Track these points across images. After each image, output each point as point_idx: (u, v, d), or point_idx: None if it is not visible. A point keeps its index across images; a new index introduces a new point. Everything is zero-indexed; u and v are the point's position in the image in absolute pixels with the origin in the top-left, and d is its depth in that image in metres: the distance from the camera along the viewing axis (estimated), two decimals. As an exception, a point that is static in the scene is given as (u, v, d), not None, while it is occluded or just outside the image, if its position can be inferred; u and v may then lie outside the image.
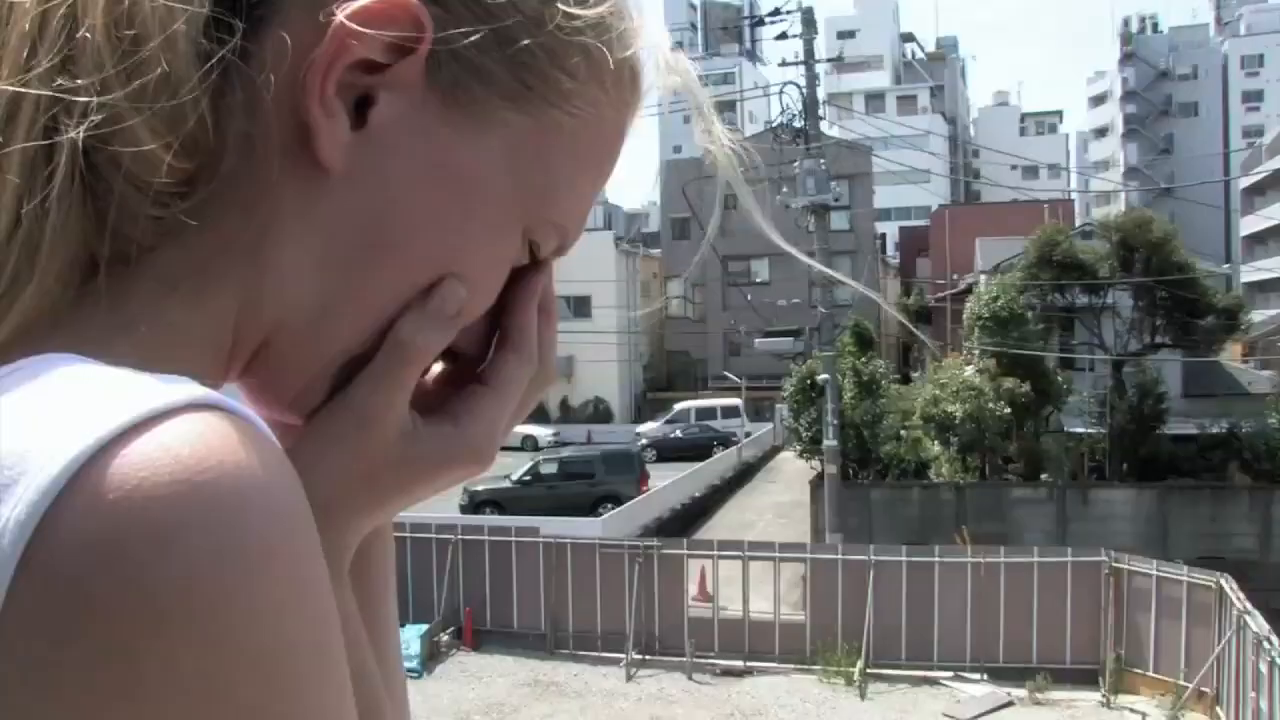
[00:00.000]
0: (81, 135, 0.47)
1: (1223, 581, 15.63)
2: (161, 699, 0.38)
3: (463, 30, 0.55)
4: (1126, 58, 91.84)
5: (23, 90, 0.47)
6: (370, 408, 0.58)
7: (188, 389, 0.43)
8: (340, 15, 0.52)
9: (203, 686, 0.39)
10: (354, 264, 0.56)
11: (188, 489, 0.39)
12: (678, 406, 46.42)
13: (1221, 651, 15.15)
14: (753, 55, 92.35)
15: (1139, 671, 17.02)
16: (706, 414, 44.42)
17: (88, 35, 0.47)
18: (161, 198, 0.50)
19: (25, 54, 0.47)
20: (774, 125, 26.41)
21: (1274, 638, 13.53)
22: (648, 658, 18.23)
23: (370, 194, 0.55)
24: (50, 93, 0.47)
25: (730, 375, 46.96)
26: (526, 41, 0.56)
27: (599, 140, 0.62)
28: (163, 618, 0.38)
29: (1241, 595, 14.99)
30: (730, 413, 43.60)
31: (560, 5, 0.57)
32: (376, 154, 0.55)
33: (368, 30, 0.52)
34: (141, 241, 0.51)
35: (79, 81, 0.47)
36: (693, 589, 18.85)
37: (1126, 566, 17.53)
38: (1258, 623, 14.00)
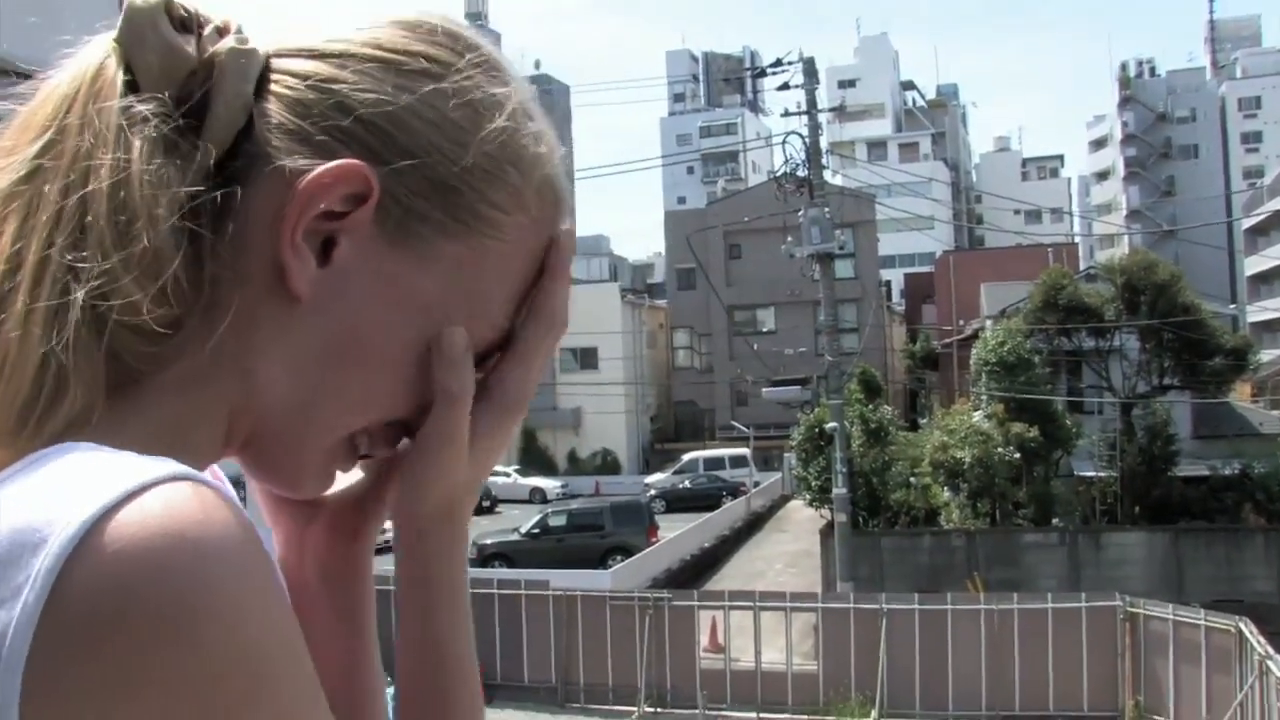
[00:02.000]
0: (84, 295, 0.61)
1: (1242, 625, 15.44)
2: (163, 695, 0.51)
3: (402, 182, 0.68)
4: (1125, 101, 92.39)
5: (47, 260, 0.61)
6: (449, 450, 0.74)
7: (168, 466, 0.56)
8: (305, 178, 0.66)
9: (196, 682, 0.52)
10: (320, 374, 0.69)
11: (166, 538, 0.52)
12: (686, 457, 46.32)
13: (1245, 697, 14.94)
14: (755, 106, 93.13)
15: (1159, 718, 16.81)
16: (715, 464, 44.30)
17: (93, 220, 0.62)
18: (152, 335, 0.63)
19: (48, 233, 0.62)
20: (777, 175, 26.57)
21: (1296, 682, 13.36)
22: (660, 710, 18.05)
23: (335, 317, 0.68)
24: (68, 263, 0.61)
25: (738, 425, 46.89)
26: (456, 185, 0.70)
27: (529, 253, 0.75)
28: (155, 632, 0.51)
29: (1262, 639, 14.81)
30: (738, 462, 43.50)
31: (481, 149, 0.70)
32: (339, 285, 0.68)
33: (326, 190, 0.66)
34: (145, 367, 0.64)
35: (85, 253, 0.61)
36: (704, 640, 18.71)
37: (1142, 611, 17.37)
38: None
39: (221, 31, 0.69)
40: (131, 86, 0.65)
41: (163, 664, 0.51)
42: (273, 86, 0.68)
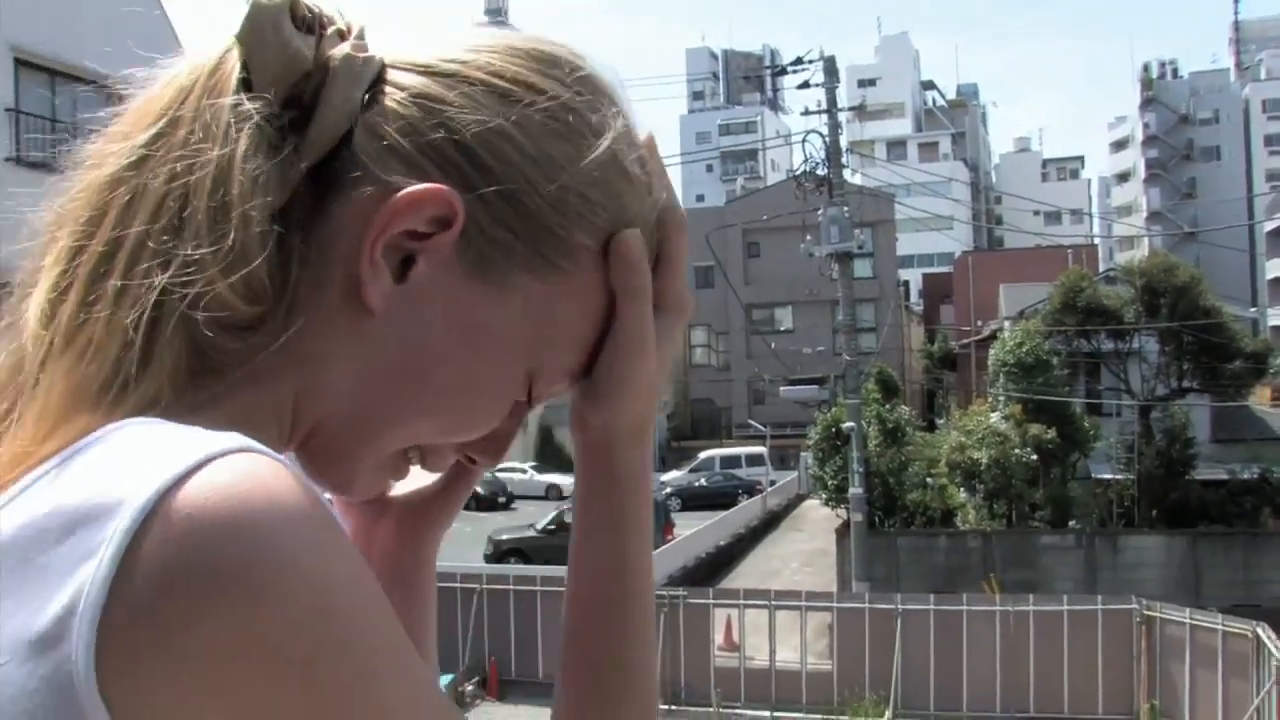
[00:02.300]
0: (174, 284, 0.62)
1: (1259, 630, 15.37)
2: (224, 657, 0.52)
3: (489, 214, 0.69)
4: (1147, 103, 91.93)
5: (143, 247, 0.63)
6: (646, 354, 0.76)
7: (236, 439, 0.57)
8: (395, 196, 0.67)
9: (265, 640, 0.53)
10: (381, 388, 0.70)
11: (236, 502, 0.54)
12: (702, 455, 46.30)
13: (1261, 703, 14.88)
14: (775, 104, 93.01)
15: (1173, 722, 16.75)
16: (731, 462, 44.27)
17: (191, 213, 0.64)
18: (233, 330, 0.65)
19: (147, 221, 0.64)
20: (797, 174, 26.54)
21: (1312, 687, 13.31)
22: (674, 708, 18.06)
23: (403, 336, 0.69)
24: (163, 251, 0.63)
25: (754, 423, 46.87)
26: (544, 222, 0.70)
27: (603, 289, 0.74)
28: (225, 588, 0.52)
29: None
30: (755, 461, 43.46)
31: (574, 189, 0.70)
32: (412, 305, 0.69)
33: (413, 210, 0.67)
34: (223, 360, 0.65)
35: (179, 244, 0.63)
36: (719, 638, 18.72)
37: (1159, 615, 17.31)
38: (1296, 672, 13.78)
39: (343, 35, 0.70)
40: (246, 84, 0.67)
41: (229, 624, 0.52)
42: (380, 97, 0.69)
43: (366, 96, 0.69)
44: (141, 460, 0.56)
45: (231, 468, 0.55)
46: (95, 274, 0.63)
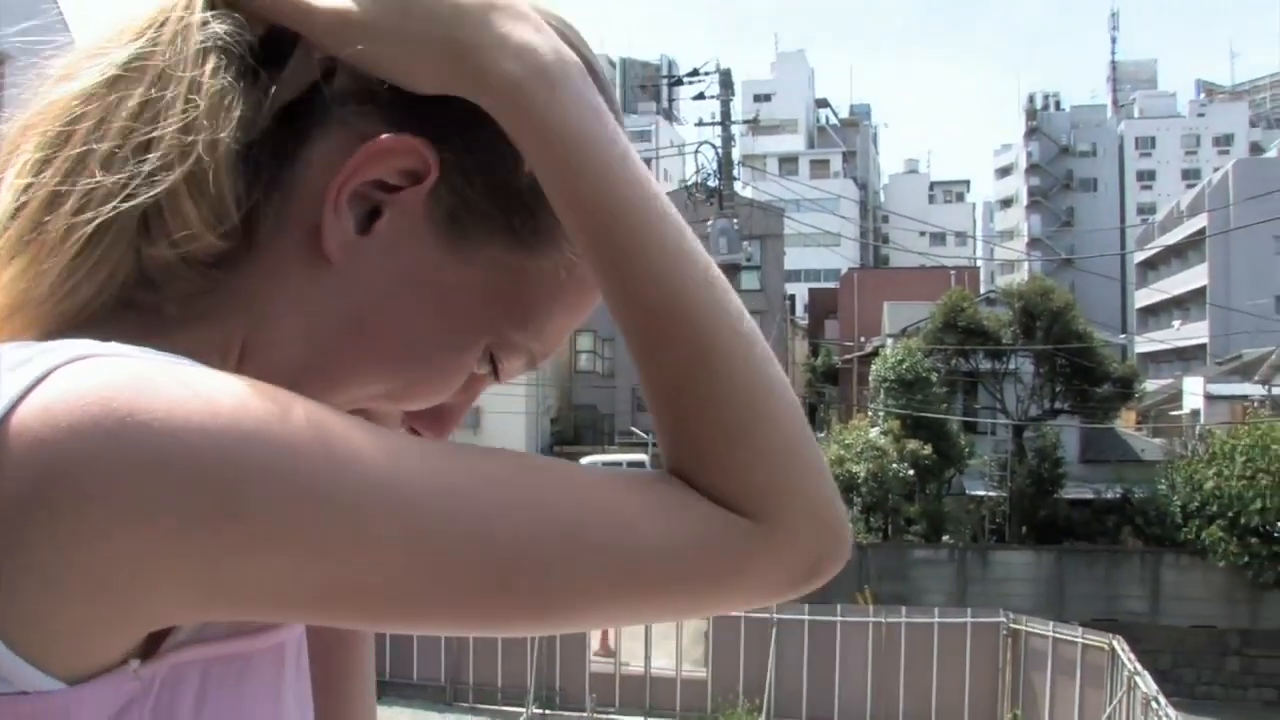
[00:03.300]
0: (135, 206, 0.60)
1: (1115, 643, 15.95)
2: (109, 515, 0.49)
3: (464, 173, 0.66)
4: (1031, 132, 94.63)
5: (109, 164, 0.61)
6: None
7: (109, 345, 0.55)
8: (366, 144, 0.63)
9: (169, 499, 0.50)
10: (331, 343, 0.66)
11: (100, 383, 0.51)
12: (584, 461, 46.20)
13: (1113, 711, 15.42)
14: (670, 114, 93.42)
15: (1034, 732, 17.23)
16: (613, 468, 44.30)
17: (160, 134, 0.61)
18: (199, 265, 0.63)
19: (116, 140, 0.61)
20: (689, 184, 26.69)
21: (1161, 698, 13.83)
22: (548, 712, 17.99)
23: (359, 290, 0.66)
24: (128, 169, 0.60)
25: (637, 430, 46.94)
26: (519, 187, 0.67)
27: (583, 284, 0.70)
28: (95, 451, 0.49)
29: (1132, 656, 15.31)
30: (636, 468, 43.53)
31: None
32: (373, 259, 0.65)
33: (383, 159, 0.64)
34: (183, 291, 0.63)
35: (145, 163, 0.60)
36: (595, 643, 18.69)
37: (1024, 628, 17.80)
38: (1147, 683, 14.31)
39: None
40: (231, 6, 0.65)
41: (118, 518, 0.49)
42: None
43: None
44: (18, 360, 0.53)
45: (108, 360, 0.53)
46: (58, 187, 0.61)
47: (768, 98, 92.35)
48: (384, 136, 0.64)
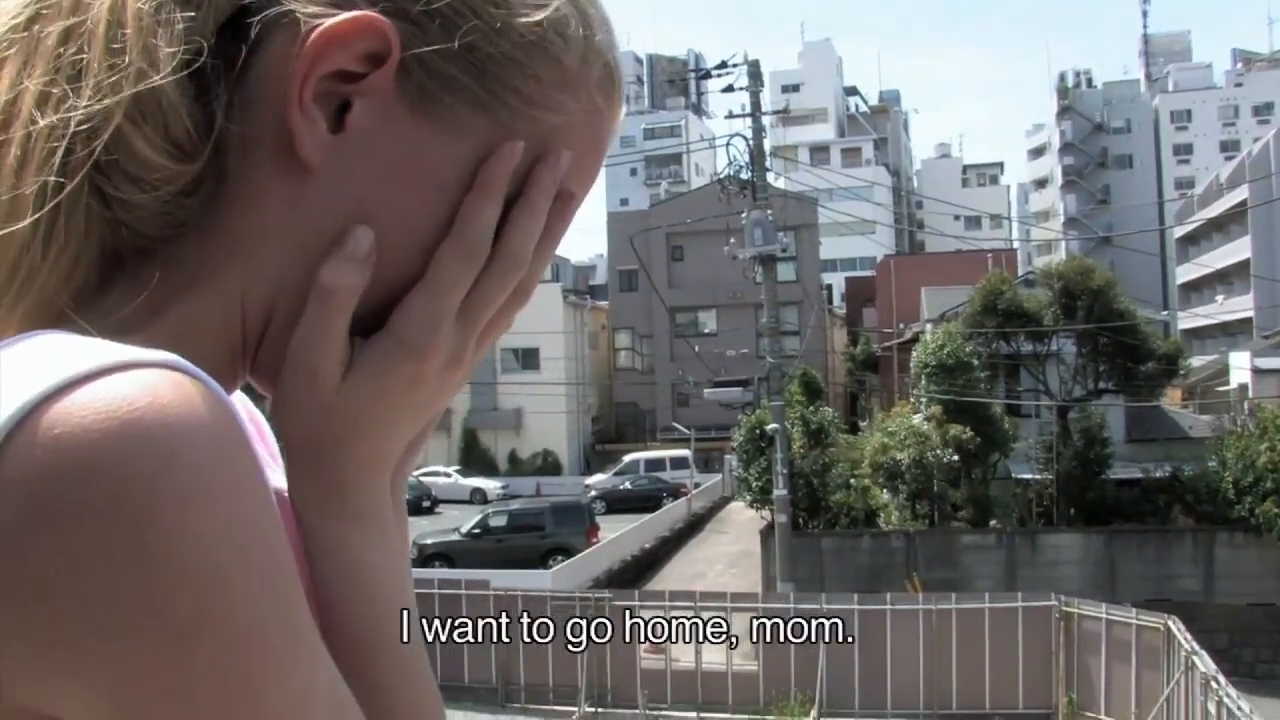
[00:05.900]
0: (81, 146, 0.55)
1: (1170, 623, 15.77)
2: (79, 602, 0.44)
3: (428, 43, 0.60)
4: (1063, 111, 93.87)
5: (42, 108, 0.56)
6: (309, 360, 0.61)
7: (156, 353, 0.49)
8: (315, 33, 0.58)
9: (130, 600, 0.44)
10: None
11: (119, 425, 0.45)
12: (627, 458, 46.28)
13: (1171, 692, 15.24)
14: (699, 109, 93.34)
15: (1091, 715, 17.08)
16: (655, 465, 44.33)
17: (89, 61, 0.56)
18: (167, 196, 0.58)
19: (45, 81, 0.56)
20: (721, 177, 26.64)
21: (1221, 677, 13.65)
22: (600, 710, 18.02)
23: (348, 190, 0.61)
24: (63, 110, 0.55)
25: (679, 426, 46.94)
26: (490, 50, 0.61)
27: (570, 145, 0.66)
28: (82, 526, 0.44)
29: (1189, 636, 15.12)
30: (679, 464, 43.54)
31: (522, 13, 0.62)
32: (354, 154, 0.60)
33: (339, 45, 0.58)
34: (156, 237, 0.59)
35: (81, 98, 0.55)
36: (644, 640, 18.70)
37: (1076, 610, 17.64)
38: (1205, 663, 14.12)
39: None
40: None
41: (87, 566, 0.44)
42: None
43: None
44: (12, 375, 0.48)
45: (130, 382, 0.47)
46: None
47: (796, 88, 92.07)
48: (334, 21, 0.58)
